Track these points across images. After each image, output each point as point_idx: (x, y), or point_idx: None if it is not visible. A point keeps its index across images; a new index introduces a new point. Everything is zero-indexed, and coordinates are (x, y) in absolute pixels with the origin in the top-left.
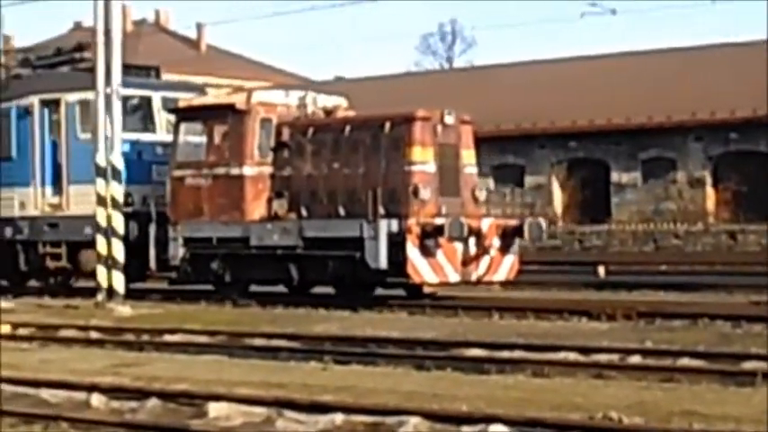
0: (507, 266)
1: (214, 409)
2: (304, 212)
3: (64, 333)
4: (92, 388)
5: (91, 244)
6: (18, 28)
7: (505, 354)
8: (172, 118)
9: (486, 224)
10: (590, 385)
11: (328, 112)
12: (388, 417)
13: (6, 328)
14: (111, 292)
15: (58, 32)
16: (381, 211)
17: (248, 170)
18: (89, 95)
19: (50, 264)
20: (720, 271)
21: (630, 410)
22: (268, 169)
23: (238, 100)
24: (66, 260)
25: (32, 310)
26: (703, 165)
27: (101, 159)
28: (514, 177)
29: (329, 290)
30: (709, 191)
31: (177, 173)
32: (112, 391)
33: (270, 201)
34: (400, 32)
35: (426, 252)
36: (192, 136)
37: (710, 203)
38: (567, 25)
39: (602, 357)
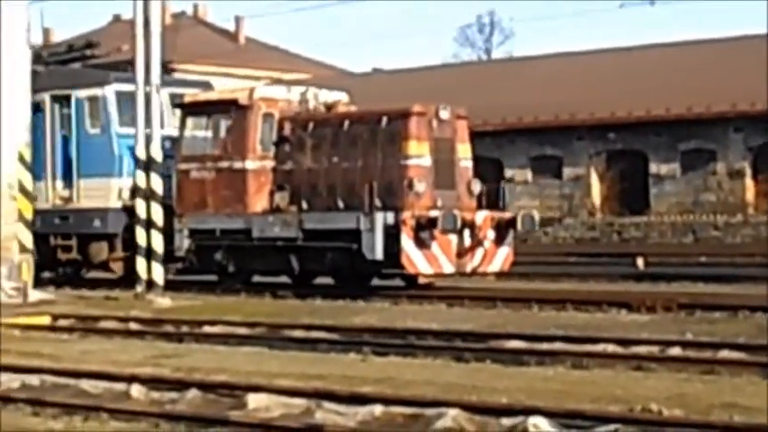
0: (502, 258)
1: (253, 400)
2: (305, 205)
3: (104, 324)
4: (132, 379)
5: (100, 236)
6: (58, 21)
7: (545, 345)
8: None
9: (480, 217)
10: (629, 377)
11: (329, 107)
12: (426, 408)
13: (47, 320)
14: (150, 284)
15: (98, 25)
16: (378, 203)
17: (251, 164)
18: (98, 92)
19: (62, 256)
20: (760, 262)
21: (670, 403)
22: (270, 163)
23: (241, 95)
24: (76, 252)
25: (72, 301)
26: (743, 156)
27: (140, 152)
28: (553, 169)
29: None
30: (749, 182)
31: (183, 166)
32: (152, 382)
33: (272, 194)
34: (438, 24)
35: (421, 244)
36: (197, 130)
37: (750, 195)
38: (606, 16)
39: (642, 349)
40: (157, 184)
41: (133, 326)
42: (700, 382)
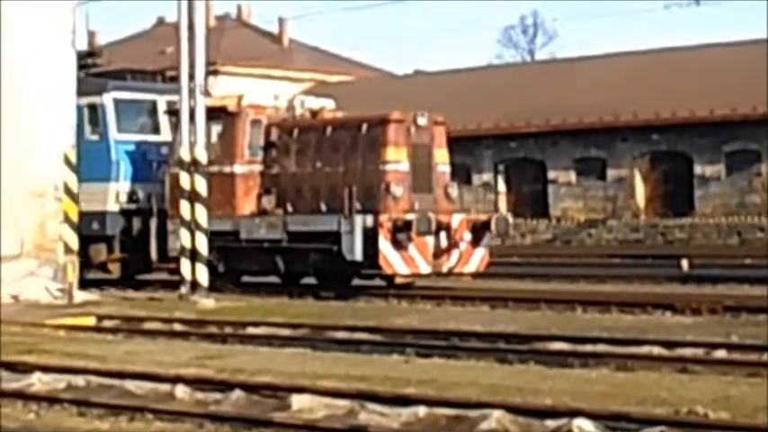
0: (478, 259)
1: (297, 401)
2: (290, 208)
3: (148, 325)
4: (176, 379)
5: (99, 238)
6: (102, 24)
7: (589, 347)
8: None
9: (456, 219)
10: (675, 379)
11: (314, 114)
12: (470, 410)
13: (92, 321)
14: (194, 285)
15: (142, 28)
16: (358, 206)
17: (239, 168)
18: (96, 99)
19: None
20: None
21: (716, 405)
22: (258, 167)
23: (230, 103)
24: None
25: (117, 302)
26: None
27: (184, 153)
28: (596, 170)
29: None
30: None
31: (175, 170)
32: (197, 383)
33: (259, 197)
34: (482, 25)
35: (398, 245)
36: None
37: None
38: (650, 16)
39: (687, 351)
40: (201, 185)
41: (177, 327)
42: (745, 385)
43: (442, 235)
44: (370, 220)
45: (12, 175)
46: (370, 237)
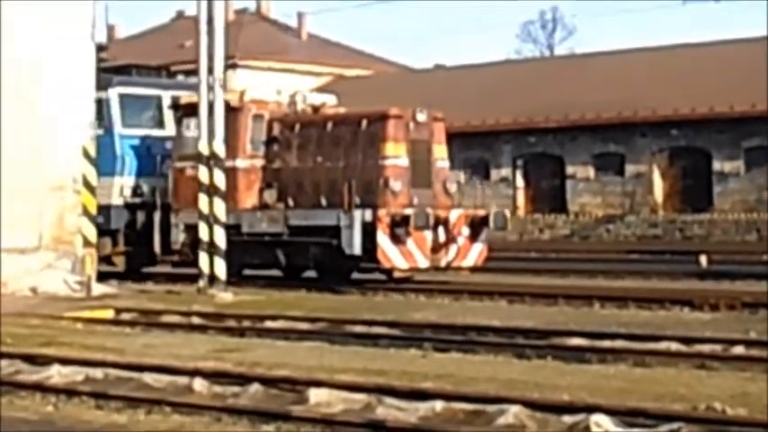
0: (476, 253)
1: (315, 395)
2: (291, 202)
3: (166, 318)
4: (194, 373)
5: (104, 232)
6: (122, 18)
7: (606, 343)
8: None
9: (454, 214)
10: (692, 376)
11: (315, 109)
12: (488, 405)
13: (110, 313)
14: (212, 279)
15: (161, 22)
16: (357, 201)
17: (241, 162)
18: (102, 95)
19: None
20: None
21: (734, 401)
22: (260, 162)
23: (232, 98)
24: None
25: (135, 295)
26: None
27: (203, 147)
28: (615, 166)
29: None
30: None
31: (179, 164)
32: (215, 376)
33: (261, 191)
34: (501, 20)
35: (397, 240)
36: (193, 130)
37: None
38: (669, 12)
39: (705, 348)
40: (220, 179)
41: (195, 320)
42: (763, 381)
43: (441, 230)
44: (368, 214)
45: (31, 168)
46: (369, 231)
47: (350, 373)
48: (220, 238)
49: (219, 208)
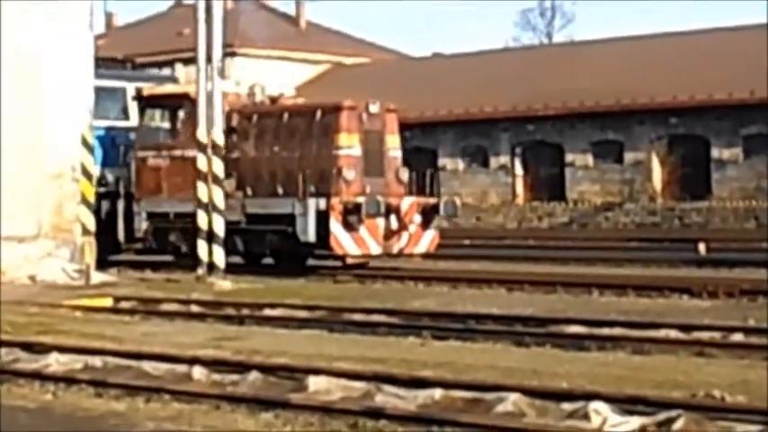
0: (428, 240)
1: (314, 383)
2: (249, 191)
3: (165, 307)
4: (193, 361)
5: None
6: (120, 6)
7: (605, 331)
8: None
9: (406, 202)
10: (691, 363)
11: (274, 101)
12: (487, 393)
13: (109, 302)
14: (211, 267)
15: (160, 10)
16: (312, 190)
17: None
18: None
19: None
20: None
21: (733, 389)
22: None
23: (192, 89)
24: None
25: (134, 283)
26: None
27: (202, 135)
28: (614, 154)
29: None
30: None
31: (141, 154)
32: (214, 364)
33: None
34: (500, 8)
35: (349, 227)
36: (154, 121)
37: None
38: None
39: (704, 335)
40: (219, 167)
41: (194, 308)
42: (762, 369)
43: (393, 217)
44: (322, 202)
45: (30, 156)
46: (323, 219)
47: (349, 361)
48: (219, 227)
49: (218, 196)
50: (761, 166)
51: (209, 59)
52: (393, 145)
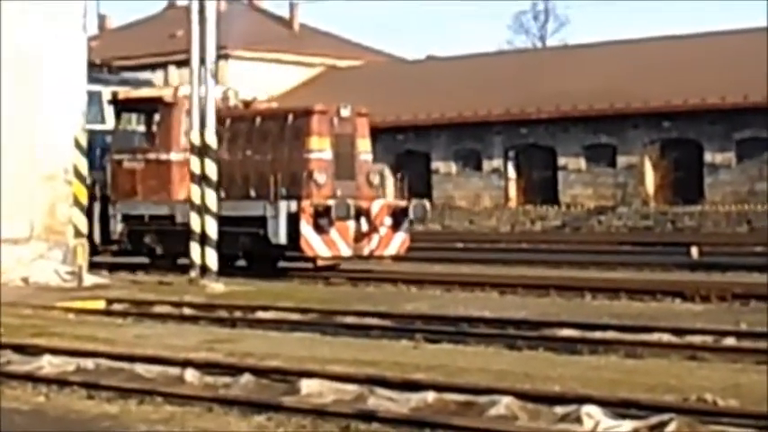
0: (398, 243)
1: (306, 385)
2: (222, 194)
3: (158, 309)
4: (186, 363)
5: None
6: (113, 8)
7: (598, 334)
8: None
9: (376, 205)
10: (684, 367)
11: (247, 105)
12: (479, 396)
13: (101, 304)
14: (203, 269)
15: (153, 12)
16: (284, 193)
17: (175, 156)
18: None
19: None
20: None
21: (725, 393)
22: None
23: (166, 93)
24: None
25: (126, 286)
26: None
27: (195, 137)
28: (607, 157)
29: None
30: None
31: (116, 157)
32: (206, 367)
33: None
34: (493, 11)
35: (320, 229)
36: (131, 124)
37: None
38: (662, 4)
39: (697, 339)
40: (212, 170)
41: (187, 311)
42: (755, 373)
43: (363, 220)
44: (293, 205)
45: (23, 158)
46: (294, 221)
47: (341, 364)
48: (212, 229)
49: (211, 198)
50: (753, 170)
51: (202, 62)
52: (364, 148)
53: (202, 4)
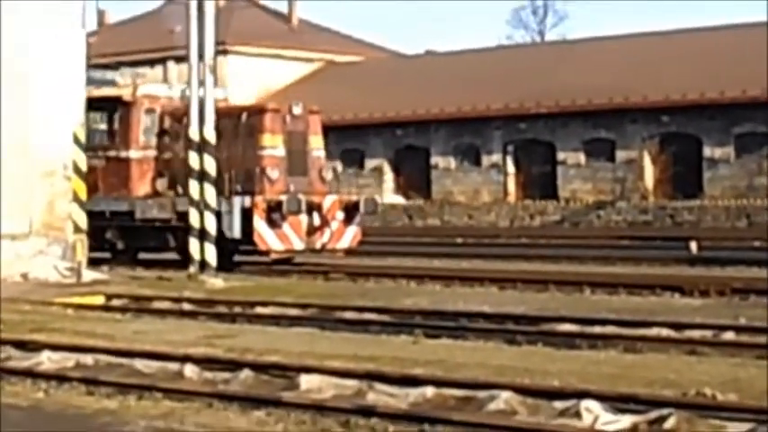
0: (350, 236)
1: (306, 381)
2: (180, 190)
3: (157, 305)
4: (185, 359)
5: None
6: (112, 3)
7: (597, 329)
8: None
9: (328, 200)
10: (683, 362)
11: None
12: (479, 391)
13: (100, 299)
14: (203, 265)
15: (152, 7)
16: (238, 188)
17: (134, 153)
18: None
19: None
20: None
21: (724, 387)
22: (152, 153)
23: (126, 93)
24: None
25: (125, 281)
26: None
27: (193, 133)
28: (606, 152)
29: None
30: None
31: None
32: (205, 362)
33: (153, 180)
34: (492, 6)
35: (273, 224)
36: (95, 123)
37: None
38: None
39: (696, 333)
40: (210, 165)
41: (186, 306)
42: (754, 367)
43: (315, 214)
44: (247, 200)
45: (22, 154)
46: (248, 216)
47: (340, 360)
48: (210, 225)
49: (210, 194)
50: (752, 164)
51: (201, 57)
52: (316, 145)
53: (201, 0)
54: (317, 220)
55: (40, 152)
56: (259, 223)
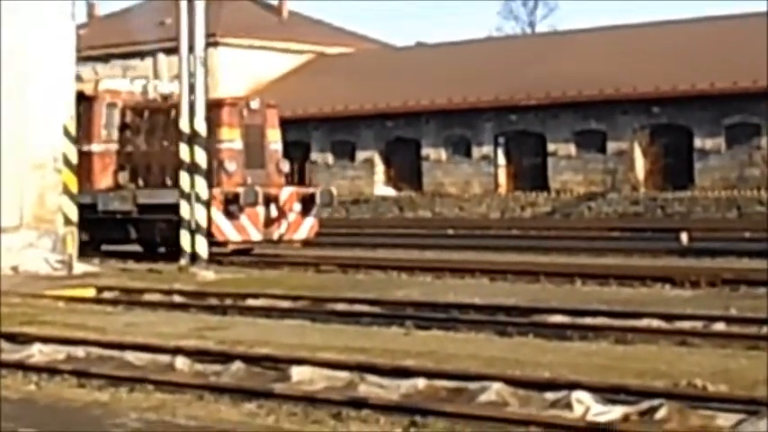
0: (307, 228)
1: (297, 372)
2: (141, 183)
3: (148, 297)
4: (176, 351)
5: None
6: None
7: (588, 320)
8: None
9: (285, 192)
10: (674, 353)
11: (165, 98)
12: (470, 382)
13: (91, 292)
14: (194, 257)
15: None
16: None
17: (96, 147)
18: None
19: None
20: None
21: (715, 378)
22: (114, 146)
23: (87, 88)
24: None
25: (116, 274)
26: None
27: (184, 125)
28: (596, 143)
29: None
30: None
31: None
32: (197, 355)
33: (115, 173)
34: None
35: (230, 215)
36: None
37: None
38: None
39: (686, 324)
40: (201, 157)
41: (177, 298)
42: (744, 358)
43: (272, 206)
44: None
45: (13, 146)
46: (206, 208)
47: (332, 351)
48: (201, 217)
49: (201, 186)
50: (743, 155)
51: (191, 49)
52: (273, 138)
53: None
54: (274, 212)
55: (30, 145)
56: (217, 215)
